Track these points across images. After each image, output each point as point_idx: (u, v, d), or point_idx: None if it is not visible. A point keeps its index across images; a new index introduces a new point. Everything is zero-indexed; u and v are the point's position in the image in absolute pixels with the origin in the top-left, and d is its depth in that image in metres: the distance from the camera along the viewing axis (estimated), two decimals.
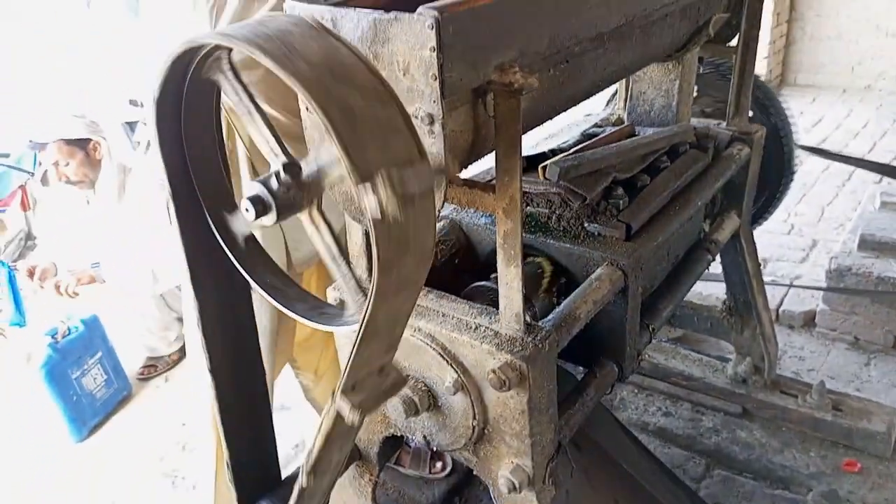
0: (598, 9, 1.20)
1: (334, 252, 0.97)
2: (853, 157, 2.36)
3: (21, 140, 3.36)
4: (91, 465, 2.65)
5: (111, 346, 2.96)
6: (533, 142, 1.82)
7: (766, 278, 3.27)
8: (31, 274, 2.79)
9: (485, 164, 1.35)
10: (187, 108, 0.95)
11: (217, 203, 1.03)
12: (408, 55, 0.93)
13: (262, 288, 1.03)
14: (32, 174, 3.80)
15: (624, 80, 2.00)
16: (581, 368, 1.58)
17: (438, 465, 2.13)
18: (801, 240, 3.72)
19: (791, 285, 3.16)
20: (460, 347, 1.21)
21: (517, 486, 1.23)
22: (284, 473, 1.42)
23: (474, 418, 1.23)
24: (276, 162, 0.92)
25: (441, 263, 1.58)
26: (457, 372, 1.21)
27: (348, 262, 0.95)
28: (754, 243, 2.17)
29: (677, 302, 1.76)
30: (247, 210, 0.88)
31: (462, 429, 1.26)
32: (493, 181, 1.10)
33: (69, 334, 2.78)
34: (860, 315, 2.87)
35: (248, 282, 1.08)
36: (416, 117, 0.97)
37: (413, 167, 0.81)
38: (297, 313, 1.01)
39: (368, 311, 0.80)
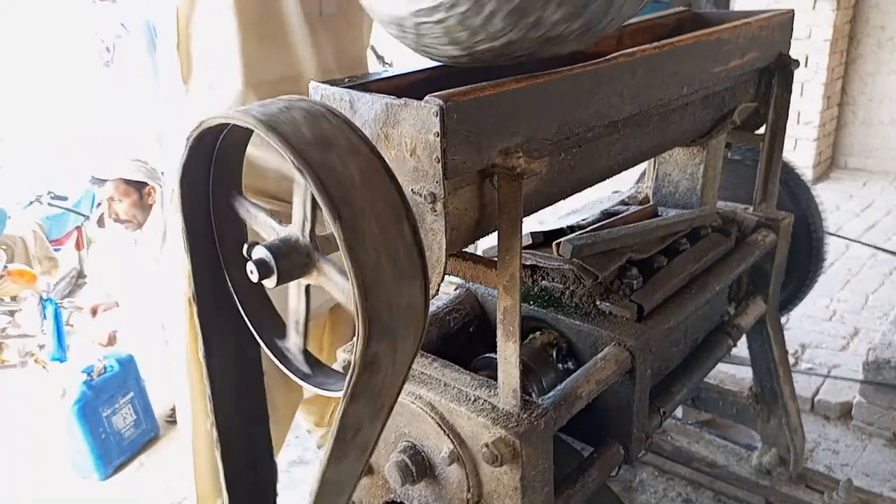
0: (611, 99, 1.25)
1: (301, 317, 1.03)
2: (879, 246, 2.31)
3: (82, 178, 3.59)
4: (113, 502, 2.70)
5: (143, 387, 3.05)
6: (555, 216, 1.86)
7: (802, 366, 3.19)
8: (94, 312, 2.95)
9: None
10: (217, 169, 1.03)
11: (235, 259, 1.09)
12: (415, 138, 0.99)
13: (269, 349, 1.08)
14: (88, 217, 4.01)
15: (652, 160, 2.03)
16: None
17: None
18: (843, 327, 3.60)
19: (827, 375, 3.06)
20: (458, 418, 1.22)
21: None
22: None
23: (468, 491, 1.24)
24: (287, 230, 0.99)
25: (455, 331, 1.61)
26: (453, 443, 1.22)
27: None
28: (782, 331, 2.13)
29: (692, 386, 1.73)
30: (251, 272, 0.94)
31: (457, 501, 1.26)
32: (496, 258, 1.13)
33: (105, 373, 2.88)
34: None
35: (259, 346, 1.14)
36: (420, 195, 1.02)
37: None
38: (291, 371, 1.05)
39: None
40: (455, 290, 1.68)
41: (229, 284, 1.13)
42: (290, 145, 0.81)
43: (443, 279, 1.08)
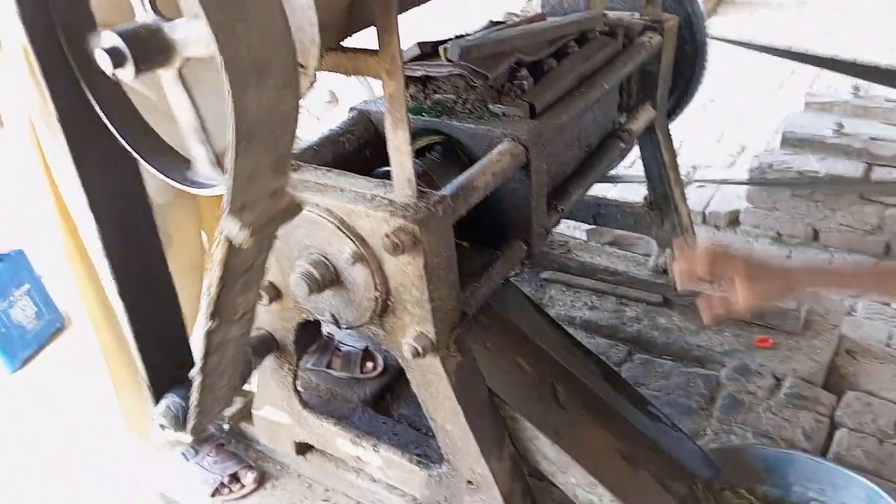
0: None
1: (195, 124, 0.96)
2: (762, 44, 2.38)
3: None
4: (25, 395, 2.62)
5: (39, 279, 2.90)
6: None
7: (695, 183, 3.36)
8: None
9: None
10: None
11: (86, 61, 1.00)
12: None
13: (132, 146, 1.01)
14: None
15: None
16: None
17: (369, 365, 2.18)
18: (731, 146, 3.80)
19: (706, 180, 3.25)
20: (357, 219, 1.22)
21: (420, 351, 1.27)
22: None
23: (376, 289, 1.25)
24: (143, 15, 0.90)
25: (350, 153, 1.58)
26: (355, 243, 1.22)
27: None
28: (670, 136, 2.21)
29: (587, 186, 1.79)
30: (103, 62, 0.86)
31: (366, 302, 1.28)
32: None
33: None
34: (781, 210, 2.98)
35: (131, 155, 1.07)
36: None
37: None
38: (167, 175, 1.00)
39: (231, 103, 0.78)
40: (349, 112, 1.63)
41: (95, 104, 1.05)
42: None
43: (321, 57, 1.02)
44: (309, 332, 1.58)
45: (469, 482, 1.46)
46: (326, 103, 3.99)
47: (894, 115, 2.98)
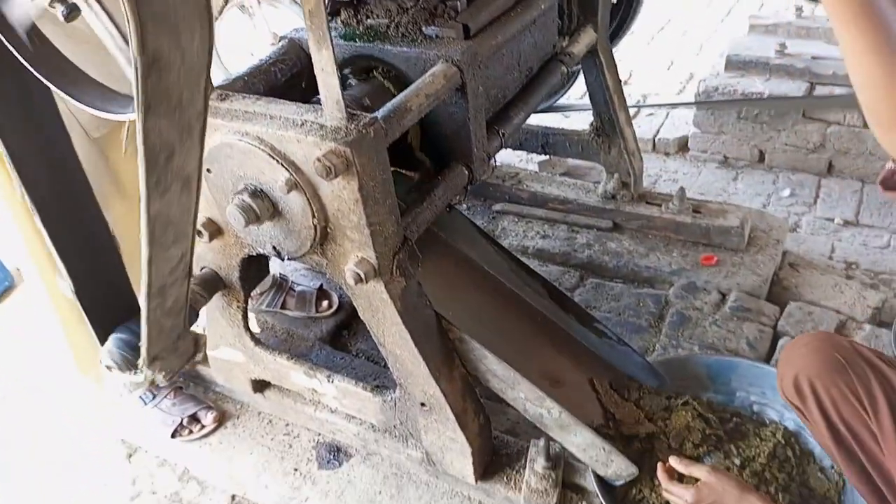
0: None
1: (118, 40, 0.93)
2: None
3: None
4: None
5: None
6: None
7: (644, 112, 3.38)
8: None
9: None
10: None
11: None
12: None
13: (46, 77, 0.98)
14: None
15: None
16: None
17: (325, 304, 2.19)
18: (681, 73, 3.81)
19: (652, 105, 3.27)
20: (288, 145, 1.20)
21: (363, 277, 1.27)
22: None
23: (314, 216, 1.25)
24: None
25: (282, 84, 1.54)
26: (288, 170, 1.21)
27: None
28: (613, 60, 2.20)
29: (529, 111, 1.78)
30: None
31: (305, 230, 1.27)
32: None
33: None
34: (728, 134, 3.02)
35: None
36: None
37: None
38: (85, 103, 0.97)
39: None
40: (279, 40, 1.59)
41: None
42: None
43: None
44: (255, 268, 1.57)
45: (422, 404, 1.49)
46: (271, 46, 3.87)
47: None
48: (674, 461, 1.35)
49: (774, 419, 1.61)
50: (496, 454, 1.63)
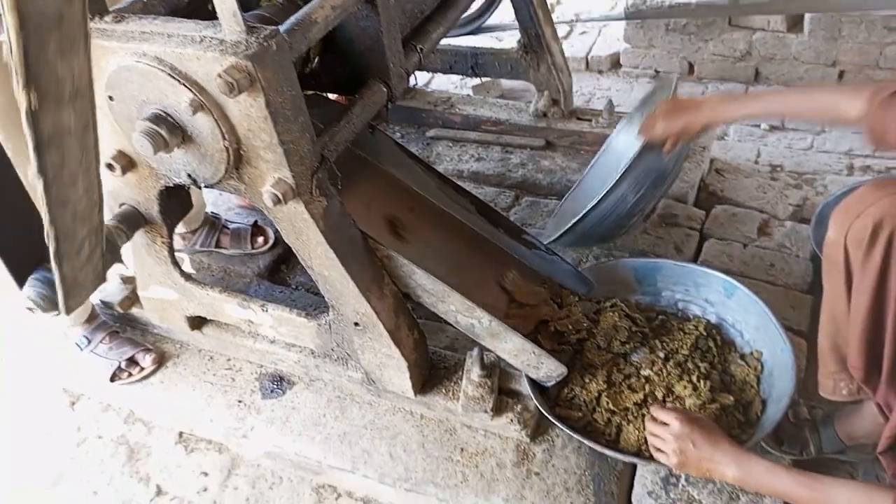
0: None
1: None
2: None
3: None
4: None
5: None
6: None
7: (576, 31, 3.35)
8: None
9: None
10: None
11: None
12: None
13: None
14: None
15: None
16: None
17: (260, 239, 2.16)
18: None
19: (585, 19, 3.25)
20: (189, 63, 1.15)
21: (281, 197, 1.25)
22: None
23: (224, 138, 1.22)
24: None
25: (187, 6, 1.48)
26: (191, 90, 1.17)
27: None
28: None
29: (448, 26, 1.76)
30: None
31: (217, 154, 1.24)
32: None
33: None
34: (658, 48, 3.03)
35: None
36: None
37: None
38: None
39: None
40: None
41: None
42: None
43: None
44: (176, 201, 1.54)
45: (356, 324, 1.50)
46: None
47: None
48: (654, 409, 1.34)
49: (697, 314, 1.68)
50: (435, 368, 1.67)
